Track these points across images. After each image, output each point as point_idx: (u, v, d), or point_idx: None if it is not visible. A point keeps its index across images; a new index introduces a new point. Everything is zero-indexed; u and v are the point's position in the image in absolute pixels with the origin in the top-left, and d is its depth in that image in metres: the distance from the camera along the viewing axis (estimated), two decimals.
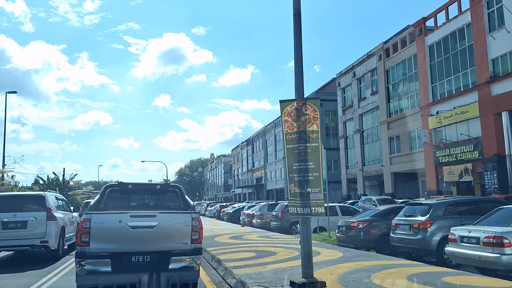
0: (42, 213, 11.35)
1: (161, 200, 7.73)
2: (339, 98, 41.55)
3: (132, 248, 6.51)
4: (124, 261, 6.43)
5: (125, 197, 7.61)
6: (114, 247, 6.44)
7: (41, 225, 11.23)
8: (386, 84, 34.20)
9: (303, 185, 6.62)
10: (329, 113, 48.83)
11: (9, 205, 11.37)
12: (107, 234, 6.49)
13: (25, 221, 11.14)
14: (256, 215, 22.32)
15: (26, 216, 11.20)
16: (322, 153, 6.71)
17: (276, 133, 59.98)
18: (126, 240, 6.50)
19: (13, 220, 11.05)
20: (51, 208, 11.72)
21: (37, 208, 11.46)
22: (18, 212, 11.21)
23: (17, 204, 11.56)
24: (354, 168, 39.24)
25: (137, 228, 6.54)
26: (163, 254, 6.55)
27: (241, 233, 17.08)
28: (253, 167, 70.49)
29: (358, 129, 37.83)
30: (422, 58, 29.88)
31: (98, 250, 6.37)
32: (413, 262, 9.04)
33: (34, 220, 11.22)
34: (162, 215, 6.79)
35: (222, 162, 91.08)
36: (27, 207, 11.51)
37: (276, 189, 59.88)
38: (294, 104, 6.80)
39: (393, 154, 33.59)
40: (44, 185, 63.82)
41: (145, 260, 6.50)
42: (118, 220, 6.54)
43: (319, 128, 6.76)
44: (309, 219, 6.81)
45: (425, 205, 10.37)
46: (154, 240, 6.58)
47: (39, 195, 12.17)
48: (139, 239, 6.54)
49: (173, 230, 6.72)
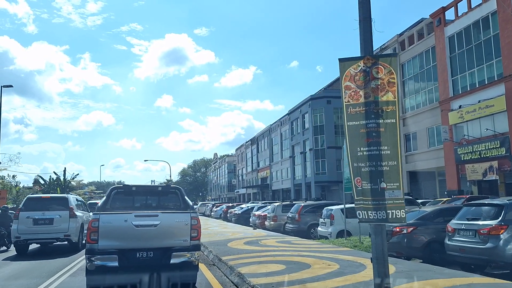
0: (65, 212, 13.43)
1: (162, 201, 8.16)
2: None
3: (136, 245, 6.87)
4: (130, 257, 6.80)
5: (129, 198, 8.03)
6: (121, 244, 6.82)
7: (64, 222, 13.31)
8: (400, 78, 32.15)
9: (375, 179, 4.62)
10: (337, 110, 46.77)
11: (39, 205, 13.51)
12: (114, 232, 6.86)
13: (52, 219, 13.26)
14: (270, 216, 20.30)
15: (52, 214, 13.32)
16: (399, 133, 4.67)
17: (282, 131, 57.93)
18: (131, 238, 6.88)
19: (42, 217, 13.23)
20: (73, 207, 13.79)
21: (61, 208, 13.51)
22: (46, 211, 13.36)
23: (45, 204, 13.68)
24: None
25: (141, 226, 6.90)
26: (165, 250, 6.91)
27: (256, 238, 15.07)
28: (258, 166, 68.43)
29: None
30: (441, 50, 27.86)
31: (106, 247, 6.75)
32: (501, 281, 6.93)
33: (59, 217, 13.29)
34: (163, 215, 7.16)
35: (225, 162, 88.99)
36: (53, 207, 13.56)
37: (282, 189, 57.81)
38: (360, 64, 4.77)
39: (409, 152, 31.56)
40: (45, 185, 61.92)
41: (148, 256, 6.86)
42: (124, 220, 6.92)
43: (396, 97, 4.72)
44: (384, 227, 4.79)
45: (494, 206, 8.33)
46: (157, 238, 6.94)
47: (63, 197, 14.60)
48: (143, 237, 6.91)
49: (173, 228, 7.07)
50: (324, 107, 46.58)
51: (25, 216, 13.23)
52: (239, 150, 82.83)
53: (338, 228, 15.05)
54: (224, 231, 19.23)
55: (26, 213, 13.29)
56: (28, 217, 13.23)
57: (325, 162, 46.31)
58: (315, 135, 47.00)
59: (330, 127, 46.20)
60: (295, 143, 52.31)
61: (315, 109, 47.17)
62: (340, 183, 46.16)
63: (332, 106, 46.57)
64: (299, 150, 51.20)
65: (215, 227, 23.06)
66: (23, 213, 13.28)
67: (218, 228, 21.87)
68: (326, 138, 46.22)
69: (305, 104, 49.05)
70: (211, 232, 18.48)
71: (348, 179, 12.67)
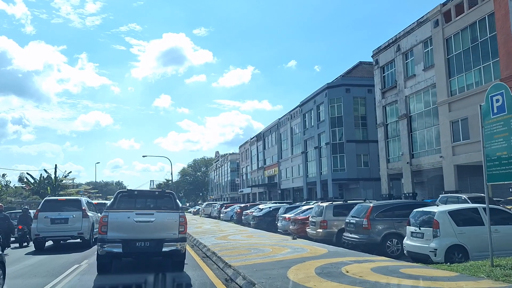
0: (78, 212, 14.87)
1: (159, 203, 9.68)
2: (377, 79, 33.77)
3: (136, 236, 8.63)
4: (131, 245, 8.57)
5: (132, 200, 9.65)
6: (124, 235, 8.59)
7: (78, 221, 14.73)
8: (445, 55, 26.52)
9: None
10: (357, 100, 41.16)
11: (55, 206, 15.05)
12: (119, 226, 8.66)
13: (67, 218, 14.70)
14: (315, 221, 14.49)
15: (67, 214, 14.75)
16: None
17: (292, 125, 52.17)
18: (133, 231, 8.65)
19: (58, 217, 14.70)
20: (85, 209, 15.24)
21: (75, 209, 14.96)
22: (62, 211, 14.82)
23: (61, 205, 15.19)
24: (398, 161, 31.51)
25: (140, 222, 8.69)
26: (158, 241, 8.67)
27: (327, 260, 9.10)
28: (265, 164, 62.55)
29: (404, 114, 30.13)
30: (503, 17, 22.24)
31: (113, 237, 8.56)
32: None
33: (73, 217, 14.72)
34: (158, 213, 8.97)
35: (228, 160, 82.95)
36: (67, 208, 15.00)
37: (293, 188, 51.98)
38: None
39: (457, 142, 25.86)
40: (34, 183, 55.78)
41: (146, 245, 8.64)
42: (127, 217, 8.73)
43: None
44: None
45: None
46: (152, 231, 8.71)
47: (76, 199, 16.18)
48: (142, 230, 8.68)
49: (165, 224, 8.85)
50: (342, 96, 40.89)
51: (43, 216, 14.52)
52: (243, 147, 76.87)
53: (447, 243, 9.35)
54: (254, 242, 13.45)
55: (44, 213, 14.59)
56: (46, 217, 14.52)
57: (343, 157, 40.61)
58: (332, 127, 41.29)
59: (349, 118, 40.49)
60: (308, 137, 46.58)
61: (332, 99, 41.47)
62: (360, 181, 40.49)
63: (351, 95, 40.95)
64: (313, 145, 45.50)
65: (235, 234, 17.29)
66: (41, 213, 14.59)
67: (241, 236, 16.11)
68: (345, 131, 40.53)
69: (320, 93, 43.35)
70: (237, 245, 12.76)
71: (498, 158, 6.97)
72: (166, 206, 9.40)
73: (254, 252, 10.95)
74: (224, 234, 17.26)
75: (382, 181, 33.08)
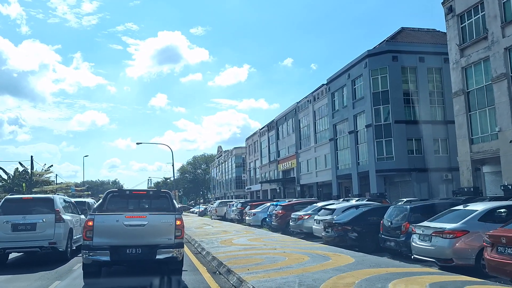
0: (50, 216, 10.98)
1: (154, 204, 8.31)
2: (452, 32, 24.28)
3: (126, 242, 7.27)
4: (121, 253, 7.21)
5: (124, 201, 8.31)
6: (112, 241, 7.22)
7: (49, 227, 10.84)
8: None
9: None
10: (406, 70, 31.73)
11: (19, 208, 10.93)
12: (107, 230, 7.28)
13: (34, 223, 10.76)
14: None
15: (35, 218, 10.86)
16: None
17: (315, 108, 42.61)
18: (122, 236, 7.28)
19: (23, 222, 10.68)
20: (59, 210, 11.31)
21: (45, 211, 11.06)
22: (28, 214, 10.79)
23: (27, 206, 11.11)
24: (487, 142, 22.11)
25: (131, 226, 7.32)
26: (152, 247, 7.31)
27: None
28: (278, 157, 52.91)
29: (503, 74, 20.74)
30: None
31: (100, 243, 7.17)
32: None
33: (43, 222, 10.81)
34: (151, 216, 7.56)
35: (233, 155, 73.14)
36: (36, 209, 11.13)
37: (317, 183, 42.30)
38: None
39: None
40: (8, 180, 45.88)
41: (137, 252, 7.26)
42: (116, 220, 7.34)
43: None
44: None
45: None
46: (144, 236, 7.35)
47: (48, 197, 12.06)
48: (132, 235, 7.31)
49: (159, 228, 7.48)
50: (388, 66, 31.42)
51: (2, 220, 10.58)
52: (250, 139, 67.08)
53: None
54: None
55: (4, 217, 10.66)
56: (6, 222, 10.60)
57: (391, 142, 31.15)
58: (375, 105, 31.83)
59: (397, 94, 31.05)
60: (339, 120, 37.12)
61: (374, 70, 32.00)
62: (413, 172, 31.07)
63: (399, 64, 31.49)
64: (345, 130, 36.07)
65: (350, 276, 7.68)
66: (0, 217, 10.63)
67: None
68: (392, 110, 31.10)
69: (357, 64, 33.91)
70: None
71: None
72: (161, 207, 8.10)
73: None
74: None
75: (461, 170, 23.58)
